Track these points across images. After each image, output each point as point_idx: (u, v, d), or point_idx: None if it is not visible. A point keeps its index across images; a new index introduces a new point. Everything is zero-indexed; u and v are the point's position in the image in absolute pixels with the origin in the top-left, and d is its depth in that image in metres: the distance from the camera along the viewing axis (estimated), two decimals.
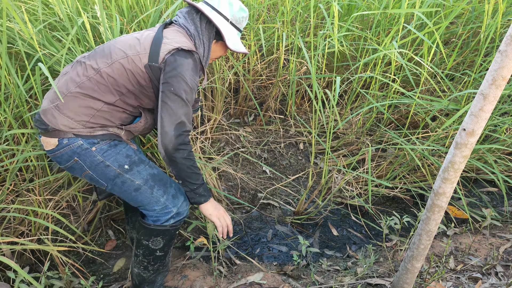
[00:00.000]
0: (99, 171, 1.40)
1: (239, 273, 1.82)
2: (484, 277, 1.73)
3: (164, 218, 1.47)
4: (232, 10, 1.53)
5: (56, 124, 1.36)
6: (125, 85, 1.36)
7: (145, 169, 1.45)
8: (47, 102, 1.41)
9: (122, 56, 1.35)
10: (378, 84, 2.57)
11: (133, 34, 1.45)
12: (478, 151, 2.32)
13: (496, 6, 2.59)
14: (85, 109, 1.36)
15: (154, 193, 1.44)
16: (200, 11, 1.49)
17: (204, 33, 1.50)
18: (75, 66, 1.41)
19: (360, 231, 2.29)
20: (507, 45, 0.89)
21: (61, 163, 1.44)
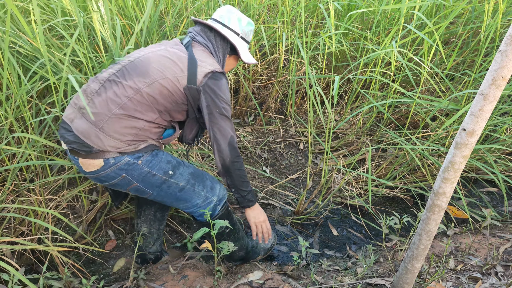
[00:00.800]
0: (147, 181, 1.48)
1: (239, 273, 1.82)
2: (484, 277, 1.73)
3: (210, 209, 1.62)
4: (241, 26, 1.66)
5: (102, 146, 1.38)
6: (164, 103, 1.44)
7: (185, 170, 1.56)
8: (84, 123, 1.39)
9: (161, 76, 1.41)
10: (378, 84, 2.57)
11: (161, 52, 1.48)
12: (478, 151, 2.32)
13: (496, 6, 2.59)
14: (130, 129, 1.40)
15: (196, 189, 1.57)
16: (213, 29, 1.61)
17: (219, 49, 1.63)
18: (109, 85, 1.41)
19: (360, 231, 2.29)
20: (507, 45, 0.89)
21: (105, 181, 1.48)
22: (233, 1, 2.65)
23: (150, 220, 1.84)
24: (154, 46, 1.54)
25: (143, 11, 2.31)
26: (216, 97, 1.48)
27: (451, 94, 2.53)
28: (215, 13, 1.67)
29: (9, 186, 1.71)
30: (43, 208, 1.59)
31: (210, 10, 2.50)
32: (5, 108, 1.63)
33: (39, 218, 1.79)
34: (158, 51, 1.49)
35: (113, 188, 1.54)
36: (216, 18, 1.64)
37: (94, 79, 1.46)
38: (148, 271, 1.84)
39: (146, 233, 1.85)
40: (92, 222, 2.08)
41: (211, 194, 1.62)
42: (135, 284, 1.74)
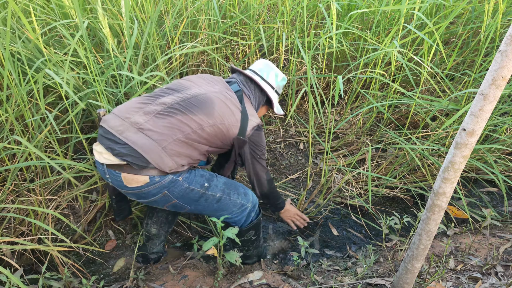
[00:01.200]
0: (186, 197, 1.54)
1: (239, 273, 1.82)
2: (484, 277, 1.73)
3: (243, 215, 1.72)
4: (277, 81, 1.87)
5: (162, 164, 1.43)
6: (216, 143, 1.59)
7: (218, 181, 1.64)
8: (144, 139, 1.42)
9: (221, 121, 1.56)
10: (378, 84, 2.57)
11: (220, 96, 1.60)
12: (478, 151, 2.32)
13: (496, 6, 2.59)
14: (185, 156, 1.50)
15: (231, 198, 1.66)
16: (253, 81, 1.81)
17: (257, 100, 1.83)
18: (174, 112, 1.49)
19: (360, 231, 2.29)
20: (507, 45, 0.89)
21: (144, 198, 1.53)
22: (233, 1, 2.65)
23: (161, 222, 1.88)
24: (210, 84, 1.67)
25: (143, 11, 2.31)
26: (258, 146, 1.73)
27: (451, 94, 2.53)
28: (255, 65, 1.86)
29: (9, 186, 1.71)
30: (43, 208, 1.59)
31: (210, 10, 2.50)
32: (6, 108, 1.63)
33: (39, 218, 1.79)
34: (217, 93, 1.61)
35: (150, 204, 1.60)
36: (255, 70, 1.83)
37: (152, 100, 1.53)
38: (148, 271, 1.84)
39: (154, 233, 1.87)
40: (92, 222, 2.08)
41: (245, 201, 1.70)
42: (135, 284, 1.74)
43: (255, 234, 1.83)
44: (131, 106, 1.52)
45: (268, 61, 1.89)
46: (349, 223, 2.35)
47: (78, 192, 1.91)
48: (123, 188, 1.50)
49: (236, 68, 1.86)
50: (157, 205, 1.58)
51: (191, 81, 1.66)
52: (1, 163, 1.87)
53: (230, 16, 2.75)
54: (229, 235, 1.48)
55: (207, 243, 1.47)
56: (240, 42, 2.72)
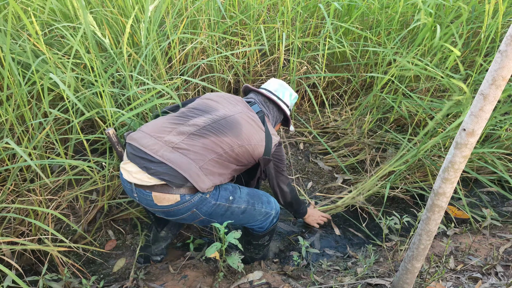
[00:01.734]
0: (213, 213, 1.57)
1: (239, 273, 1.82)
2: (484, 277, 1.73)
3: (267, 222, 1.76)
4: (290, 99, 1.96)
5: (200, 183, 1.45)
6: (244, 162, 1.64)
7: (242, 193, 1.66)
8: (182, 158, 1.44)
9: (248, 142, 1.61)
10: (379, 85, 2.57)
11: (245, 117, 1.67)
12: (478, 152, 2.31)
13: (497, 6, 2.59)
14: (219, 176, 1.54)
15: (256, 208, 1.69)
16: (272, 100, 1.89)
17: (275, 119, 1.92)
18: (207, 133, 1.53)
19: (360, 231, 2.29)
20: (507, 45, 0.89)
21: (173, 216, 1.55)
22: (233, 1, 2.65)
23: (171, 226, 1.90)
24: (232, 104, 1.73)
25: (142, 11, 2.31)
26: (280, 161, 1.85)
27: (450, 94, 2.53)
28: (269, 84, 1.95)
29: (9, 186, 1.71)
30: (43, 208, 1.59)
31: (210, 10, 2.50)
32: (6, 108, 1.64)
33: (39, 218, 1.79)
34: (242, 114, 1.67)
35: (177, 221, 1.64)
36: (271, 90, 1.92)
37: (184, 120, 1.59)
38: (148, 271, 1.84)
39: (162, 236, 1.89)
40: (92, 222, 2.08)
41: (269, 208, 1.74)
42: (135, 284, 1.74)
43: (269, 239, 1.89)
44: (161, 125, 1.56)
45: (282, 81, 1.99)
46: (349, 223, 2.35)
47: (78, 192, 1.91)
48: (152, 206, 1.51)
49: (252, 88, 1.94)
50: (185, 221, 1.61)
51: (215, 101, 1.72)
52: (1, 163, 1.87)
53: (230, 16, 2.75)
54: (231, 240, 1.48)
55: (210, 248, 1.47)
56: (240, 42, 2.72)
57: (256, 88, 1.93)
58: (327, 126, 2.98)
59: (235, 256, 1.58)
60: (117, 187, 2.06)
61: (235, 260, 1.57)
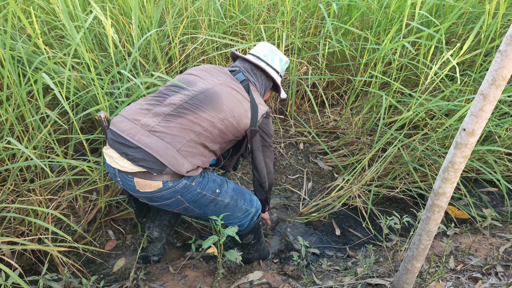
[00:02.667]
0: (197, 201, 1.54)
1: (239, 273, 1.82)
2: (484, 277, 1.73)
3: (246, 220, 1.72)
4: (281, 65, 1.83)
5: (178, 167, 1.40)
6: (228, 137, 1.57)
7: (228, 187, 1.64)
8: (158, 142, 1.39)
9: (231, 114, 1.53)
10: (378, 84, 2.57)
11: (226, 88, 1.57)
12: (478, 152, 2.31)
13: (497, 6, 2.59)
14: (199, 156, 1.49)
15: (238, 204, 1.66)
16: (259, 67, 1.76)
17: (263, 86, 1.80)
18: (184, 112, 1.46)
19: (360, 231, 2.29)
20: (507, 45, 0.89)
21: (156, 202, 1.51)
22: (233, 1, 2.65)
23: (163, 226, 1.89)
24: (214, 76, 1.63)
25: (142, 11, 2.31)
26: (267, 135, 1.74)
27: (450, 94, 2.53)
28: (257, 49, 1.80)
29: (9, 186, 1.71)
30: (43, 208, 1.59)
31: (210, 10, 2.50)
32: (6, 108, 1.63)
33: (39, 218, 1.79)
34: (223, 86, 1.58)
35: (161, 207, 1.59)
36: (259, 56, 1.78)
37: (160, 101, 1.50)
38: (148, 271, 1.84)
39: (156, 237, 1.88)
40: (92, 222, 2.08)
41: (250, 206, 1.71)
42: (135, 284, 1.74)
43: (255, 238, 1.83)
44: (138, 107, 1.50)
45: (271, 44, 1.83)
46: (349, 223, 2.35)
47: (78, 192, 1.91)
48: (135, 191, 1.48)
49: (238, 54, 1.81)
50: (168, 208, 1.57)
51: (195, 75, 1.62)
52: (1, 163, 1.87)
53: (230, 16, 2.75)
54: (229, 233, 1.48)
55: (207, 241, 1.46)
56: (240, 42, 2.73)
57: (242, 55, 1.80)
58: (327, 126, 2.98)
59: (234, 251, 1.58)
60: (117, 186, 2.06)
61: (233, 254, 1.56)
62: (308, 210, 2.37)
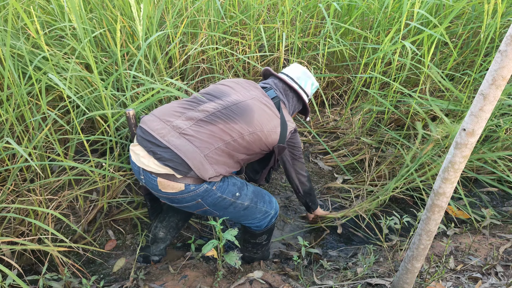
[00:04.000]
0: (217, 205, 1.57)
1: (239, 273, 1.82)
2: (484, 277, 1.73)
3: (265, 221, 1.75)
4: (312, 89, 1.90)
5: (203, 172, 1.43)
6: (254, 149, 1.60)
7: (248, 190, 1.67)
8: (187, 145, 1.42)
9: (260, 129, 1.57)
10: (378, 84, 2.57)
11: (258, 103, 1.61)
12: (478, 151, 2.31)
13: (496, 6, 2.59)
14: (223, 165, 1.52)
15: (258, 206, 1.69)
16: (293, 88, 1.81)
17: (292, 107, 1.85)
18: (216, 120, 1.50)
19: (360, 231, 2.29)
20: (507, 45, 0.89)
21: (176, 203, 1.55)
22: (233, 1, 2.65)
23: (171, 227, 1.90)
24: (246, 89, 1.67)
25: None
26: (296, 149, 1.81)
27: (450, 94, 2.53)
28: (291, 70, 1.87)
29: (9, 186, 1.71)
30: (43, 208, 1.59)
31: (211, 10, 2.50)
32: (6, 108, 1.63)
33: (39, 218, 1.79)
34: (255, 100, 1.62)
35: (182, 209, 1.62)
36: (293, 77, 1.84)
37: (194, 106, 1.55)
38: (148, 271, 1.84)
39: (161, 237, 1.89)
40: (92, 222, 2.08)
41: (269, 208, 1.74)
42: (135, 284, 1.74)
43: (267, 239, 1.87)
44: (171, 109, 1.54)
45: (305, 68, 1.90)
46: (349, 223, 2.35)
47: (78, 192, 1.91)
48: (157, 191, 1.51)
49: (273, 72, 1.86)
50: (188, 209, 1.60)
51: (228, 86, 1.67)
52: (1, 163, 1.87)
53: (230, 16, 2.75)
54: (228, 237, 1.48)
55: (207, 245, 1.47)
56: (240, 42, 2.72)
57: (277, 73, 1.84)
58: (327, 126, 2.98)
59: (233, 254, 1.59)
60: (117, 187, 2.06)
61: (232, 258, 1.57)
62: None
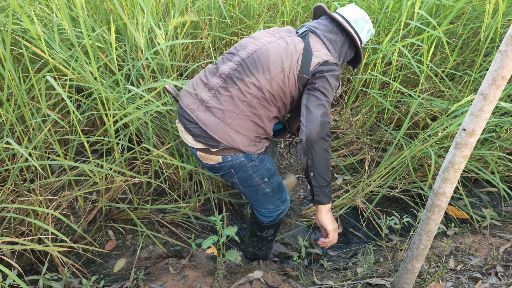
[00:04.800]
0: (245, 181, 1.58)
1: (239, 273, 1.82)
2: (484, 277, 1.73)
3: (274, 215, 1.75)
4: (367, 36, 1.62)
5: (231, 142, 1.42)
6: (282, 98, 1.44)
7: (276, 179, 1.65)
8: (211, 118, 1.41)
9: (280, 71, 1.40)
10: (378, 84, 2.57)
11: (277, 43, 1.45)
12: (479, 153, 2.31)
13: (497, 6, 2.59)
14: (254, 126, 1.44)
15: (274, 197, 1.68)
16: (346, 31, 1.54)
17: (342, 54, 1.57)
18: (232, 81, 1.42)
19: (360, 231, 2.29)
20: (507, 45, 0.89)
21: (214, 171, 1.60)
22: (233, 1, 2.65)
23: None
24: (269, 35, 1.51)
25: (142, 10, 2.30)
26: (321, 76, 1.39)
27: (451, 94, 2.53)
28: (347, 12, 1.56)
29: (9, 186, 1.71)
30: (43, 208, 1.59)
31: (211, 10, 2.50)
32: (6, 108, 1.64)
33: (39, 218, 1.79)
34: (274, 42, 1.46)
35: (212, 172, 1.62)
36: (349, 20, 1.54)
37: (215, 71, 1.49)
38: (148, 271, 1.84)
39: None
40: (92, 222, 2.08)
41: (282, 204, 1.74)
42: (135, 284, 1.74)
43: (273, 234, 1.87)
44: (200, 78, 1.51)
45: (364, 11, 1.59)
46: (349, 223, 2.35)
47: (78, 193, 1.91)
48: (200, 162, 1.56)
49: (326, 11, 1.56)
50: (218, 174, 1.61)
51: (252, 37, 1.53)
52: (1, 163, 1.87)
53: (230, 16, 2.75)
54: (228, 233, 1.49)
55: (206, 241, 1.47)
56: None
57: (330, 12, 1.54)
58: None
59: (233, 251, 1.59)
60: (117, 187, 2.06)
61: (233, 254, 1.57)
62: (309, 212, 2.37)
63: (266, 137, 1.52)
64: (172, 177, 2.18)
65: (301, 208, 2.43)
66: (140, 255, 1.96)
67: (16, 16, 1.74)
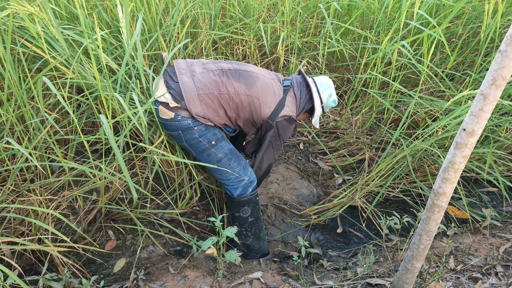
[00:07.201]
0: (193, 146, 1.78)
1: (239, 273, 1.82)
2: (484, 277, 1.73)
3: (240, 187, 1.87)
4: (328, 100, 1.96)
5: (191, 106, 1.67)
6: (245, 114, 1.78)
7: (226, 145, 1.83)
8: (190, 83, 1.68)
9: (256, 96, 1.76)
10: (378, 84, 2.57)
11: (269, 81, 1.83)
12: (478, 152, 2.31)
13: (496, 6, 2.59)
14: (213, 111, 1.72)
15: (231, 164, 1.83)
16: (309, 87, 1.91)
17: (302, 104, 1.93)
18: (223, 75, 1.74)
19: (360, 231, 2.29)
20: (507, 45, 0.89)
21: (167, 130, 1.80)
22: (233, 1, 2.64)
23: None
24: (266, 72, 1.90)
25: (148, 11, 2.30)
26: (279, 136, 1.86)
27: (450, 94, 2.53)
28: (318, 78, 1.99)
29: (9, 186, 1.71)
30: (43, 208, 1.59)
31: (211, 9, 2.50)
32: (6, 108, 1.63)
33: (39, 218, 1.79)
34: (267, 79, 1.84)
35: (172, 137, 1.83)
36: (315, 81, 1.95)
37: (215, 62, 1.81)
38: (148, 272, 1.84)
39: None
40: (92, 222, 2.08)
41: (243, 173, 1.86)
42: (135, 284, 1.74)
43: (252, 214, 1.92)
44: (199, 60, 1.82)
45: (331, 82, 2.01)
46: (349, 223, 2.35)
47: (78, 192, 1.91)
48: (158, 118, 1.76)
49: (302, 72, 2.01)
50: (175, 140, 1.83)
51: (253, 65, 1.91)
52: (1, 163, 1.87)
53: (230, 16, 2.75)
54: (228, 234, 1.49)
55: (206, 242, 1.47)
56: (238, 38, 2.72)
57: (305, 74, 2.00)
58: (327, 126, 2.98)
59: (232, 252, 1.59)
60: (117, 188, 2.06)
61: (232, 255, 1.57)
62: (308, 212, 2.37)
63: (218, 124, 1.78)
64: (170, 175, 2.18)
65: (302, 209, 2.43)
66: (140, 255, 1.96)
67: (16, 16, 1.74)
